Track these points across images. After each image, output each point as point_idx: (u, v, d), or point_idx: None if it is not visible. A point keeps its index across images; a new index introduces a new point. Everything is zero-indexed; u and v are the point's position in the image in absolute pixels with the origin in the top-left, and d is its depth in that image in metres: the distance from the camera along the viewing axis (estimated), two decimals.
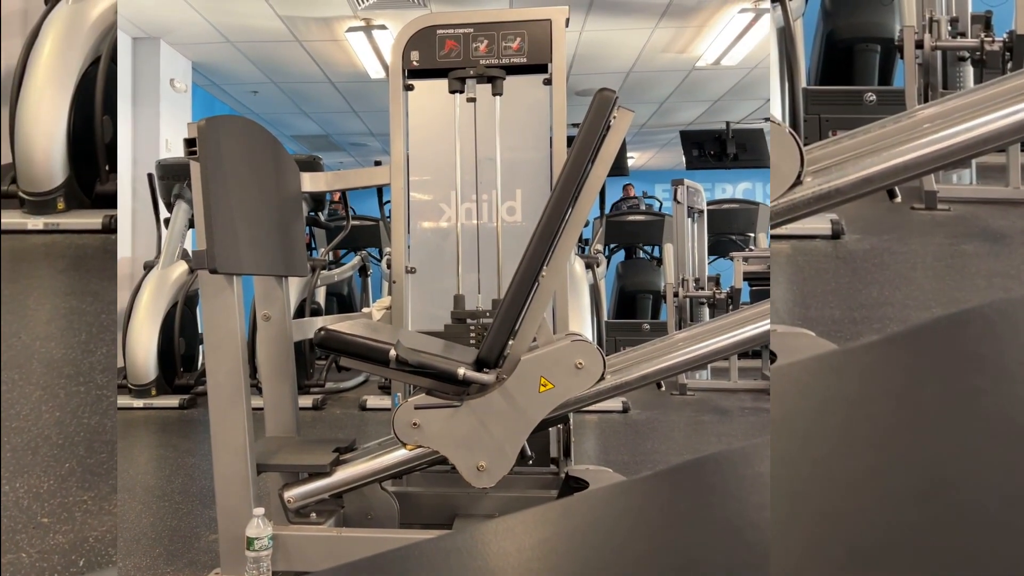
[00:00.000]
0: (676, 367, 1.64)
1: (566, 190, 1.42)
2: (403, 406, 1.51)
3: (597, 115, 1.41)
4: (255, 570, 1.37)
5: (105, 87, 3.09)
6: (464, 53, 1.98)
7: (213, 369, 1.54)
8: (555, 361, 1.48)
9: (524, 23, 1.96)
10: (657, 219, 5.60)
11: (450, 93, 1.90)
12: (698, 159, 5.49)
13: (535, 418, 1.49)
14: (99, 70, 3.10)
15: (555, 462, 1.98)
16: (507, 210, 2.08)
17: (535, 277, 1.45)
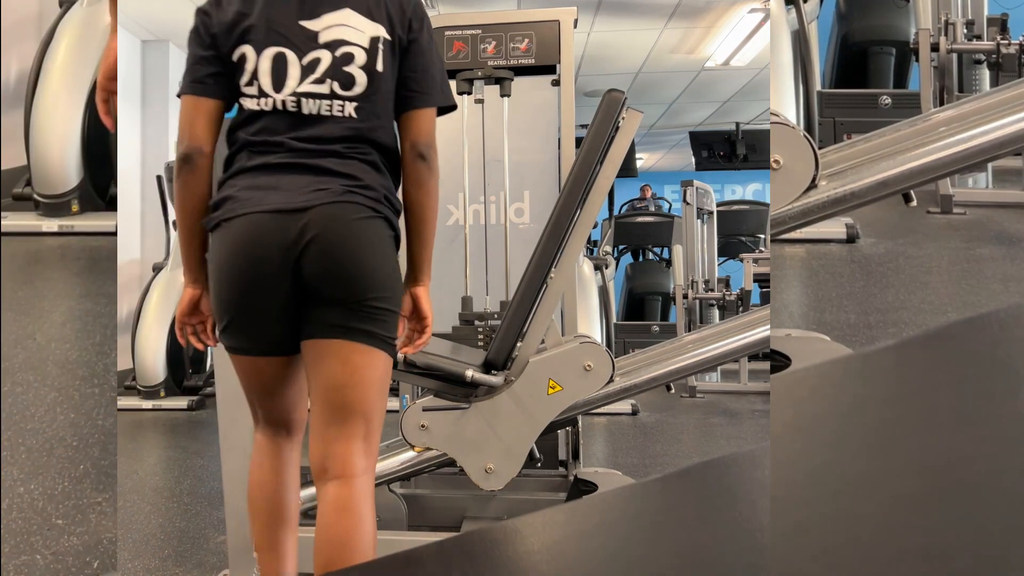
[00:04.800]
0: (685, 369, 1.64)
1: (574, 191, 1.42)
2: (411, 408, 1.51)
3: (606, 116, 1.40)
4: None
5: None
6: (472, 54, 1.98)
7: (222, 370, 1.54)
8: (564, 363, 1.47)
9: (532, 24, 1.96)
10: (666, 220, 5.58)
11: (458, 94, 1.90)
12: (708, 160, 5.47)
13: (544, 420, 1.48)
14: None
15: (564, 464, 1.98)
16: (515, 211, 2.07)
17: (543, 279, 1.44)
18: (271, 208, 0.99)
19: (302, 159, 1.02)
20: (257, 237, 0.99)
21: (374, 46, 1.04)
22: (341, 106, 1.03)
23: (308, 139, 1.02)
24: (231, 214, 1.01)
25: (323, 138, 1.02)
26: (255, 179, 1.02)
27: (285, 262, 0.99)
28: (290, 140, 1.02)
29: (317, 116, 1.03)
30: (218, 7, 1.05)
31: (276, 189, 1.00)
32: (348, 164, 1.03)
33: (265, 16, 1.03)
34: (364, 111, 1.04)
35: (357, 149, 1.04)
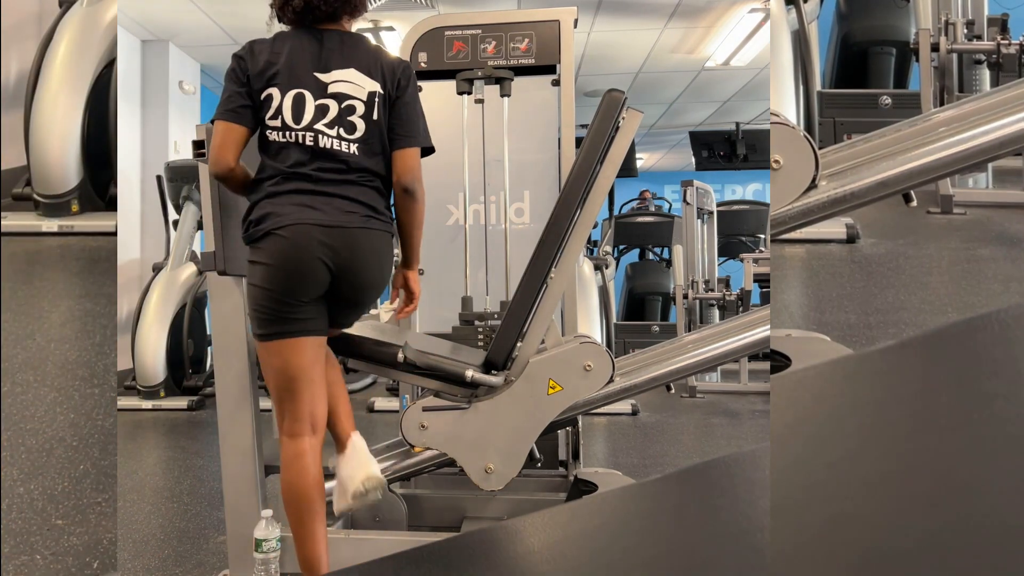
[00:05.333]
0: (685, 369, 1.63)
1: (574, 191, 1.42)
2: (411, 408, 1.51)
3: (606, 116, 1.40)
4: (263, 572, 1.37)
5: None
6: (472, 54, 1.98)
7: (221, 371, 1.54)
8: (564, 363, 1.47)
9: (532, 24, 1.96)
10: (666, 220, 5.58)
11: (458, 94, 1.90)
12: (708, 160, 5.46)
13: (544, 420, 1.48)
14: (113, 72, 3.13)
15: (564, 465, 1.98)
16: (515, 211, 2.07)
17: (543, 279, 1.44)
18: (314, 222, 1.29)
19: (327, 188, 1.32)
20: (307, 242, 1.28)
21: (371, 99, 1.35)
22: (347, 146, 1.34)
23: (327, 170, 1.33)
24: (280, 224, 1.28)
25: (338, 169, 1.33)
26: (291, 199, 1.31)
27: (326, 263, 1.30)
28: (314, 172, 1.32)
29: (329, 150, 1.33)
30: (251, 55, 1.35)
31: (312, 208, 1.30)
32: (364, 192, 1.35)
33: (288, 65, 1.33)
34: (363, 150, 1.35)
35: (364, 177, 1.35)
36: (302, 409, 1.34)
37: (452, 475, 1.83)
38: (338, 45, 1.36)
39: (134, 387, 3.80)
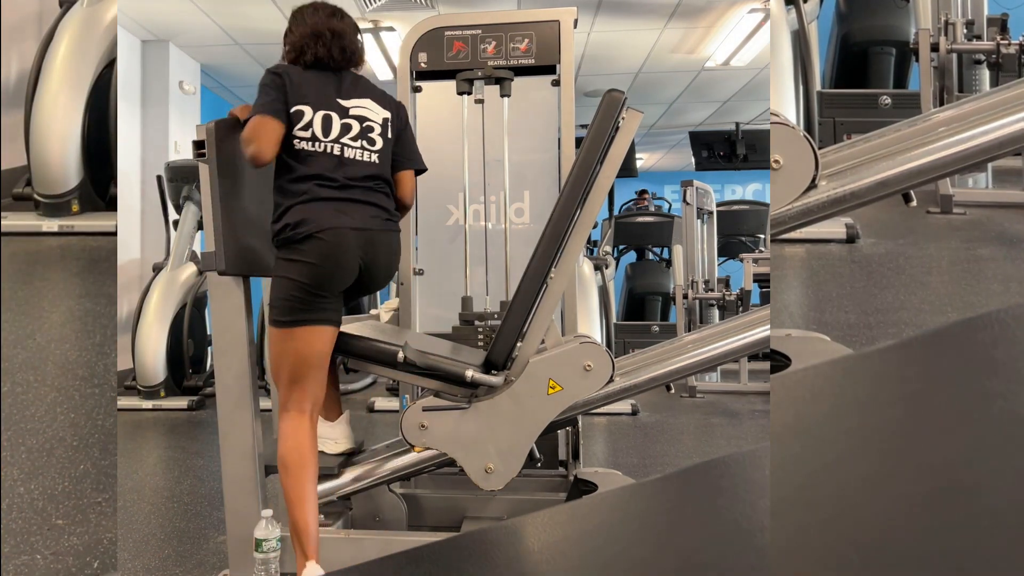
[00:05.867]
0: (685, 369, 1.63)
1: (574, 191, 1.42)
2: (411, 408, 1.51)
3: (606, 116, 1.40)
4: (263, 572, 1.38)
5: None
6: (472, 54, 1.98)
7: (221, 371, 1.54)
8: (564, 363, 1.47)
9: (532, 24, 1.96)
10: (666, 220, 5.58)
11: (458, 95, 1.90)
12: (708, 160, 5.46)
13: (544, 420, 1.48)
14: (113, 72, 3.13)
15: (564, 464, 1.98)
16: (515, 212, 2.07)
17: (543, 279, 1.44)
18: (349, 226, 1.48)
19: (354, 195, 1.52)
20: (346, 243, 1.47)
21: (385, 124, 1.61)
22: (369, 155, 1.56)
23: (354, 177, 1.52)
24: (320, 228, 1.45)
25: (363, 176, 1.54)
26: (327, 205, 1.48)
27: (359, 260, 1.50)
28: (344, 179, 1.51)
29: (353, 159, 1.54)
30: (288, 74, 1.52)
31: (344, 214, 1.49)
32: (382, 198, 1.57)
33: (316, 90, 1.54)
34: (380, 160, 1.59)
35: (380, 185, 1.58)
36: (310, 389, 1.49)
37: (452, 475, 1.83)
38: (353, 82, 1.60)
39: (134, 387, 3.80)
